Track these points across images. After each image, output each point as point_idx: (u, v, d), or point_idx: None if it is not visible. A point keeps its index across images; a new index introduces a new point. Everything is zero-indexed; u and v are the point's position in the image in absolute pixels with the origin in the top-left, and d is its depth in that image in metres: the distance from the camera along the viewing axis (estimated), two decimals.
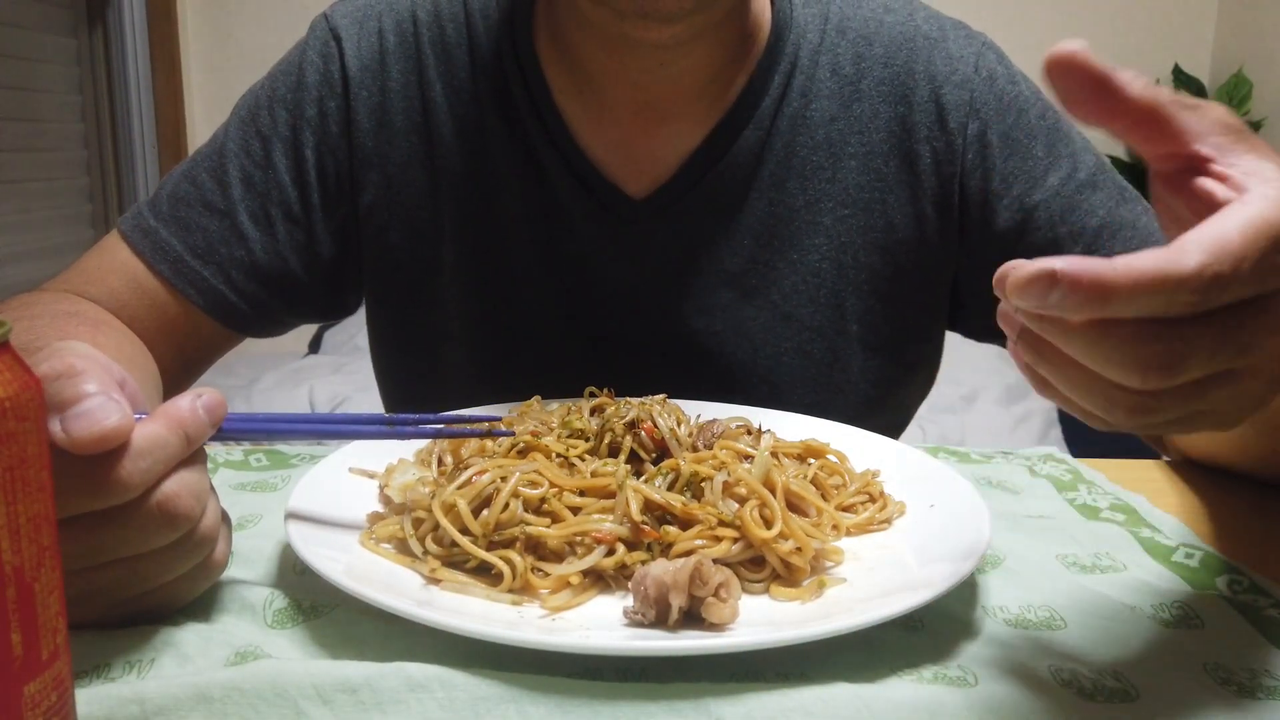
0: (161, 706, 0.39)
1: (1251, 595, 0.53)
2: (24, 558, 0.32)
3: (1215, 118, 0.42)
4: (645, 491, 0.52)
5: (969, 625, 0.48)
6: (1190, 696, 0.42)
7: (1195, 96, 0.43)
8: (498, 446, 0.58)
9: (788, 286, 0.82)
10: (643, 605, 0.46)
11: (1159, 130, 0.42)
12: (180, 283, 0.79)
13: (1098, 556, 0.57)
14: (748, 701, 0.40)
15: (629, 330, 0.83)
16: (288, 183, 0.81)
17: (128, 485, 0.40)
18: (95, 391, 0.41)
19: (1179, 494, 0.70)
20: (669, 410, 0.60)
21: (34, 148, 2.72)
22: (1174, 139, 0.42)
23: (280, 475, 0.68)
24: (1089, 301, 0.35)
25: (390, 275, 0.85)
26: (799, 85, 0.80)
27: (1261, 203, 0.38)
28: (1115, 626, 0.49)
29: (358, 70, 0.82)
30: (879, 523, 0.58)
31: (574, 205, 0.81)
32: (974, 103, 0.80)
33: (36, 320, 0.67)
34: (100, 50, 2.96)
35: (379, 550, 0.52)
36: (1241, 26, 3.00)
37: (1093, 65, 0.40)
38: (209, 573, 0.46)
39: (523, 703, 0.40)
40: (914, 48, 0.81)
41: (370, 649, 0.45)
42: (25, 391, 0.32)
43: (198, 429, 0.44)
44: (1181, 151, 0.42)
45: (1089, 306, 0.35)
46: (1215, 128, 0.42)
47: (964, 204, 0.81)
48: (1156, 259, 0.35)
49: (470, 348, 0.85)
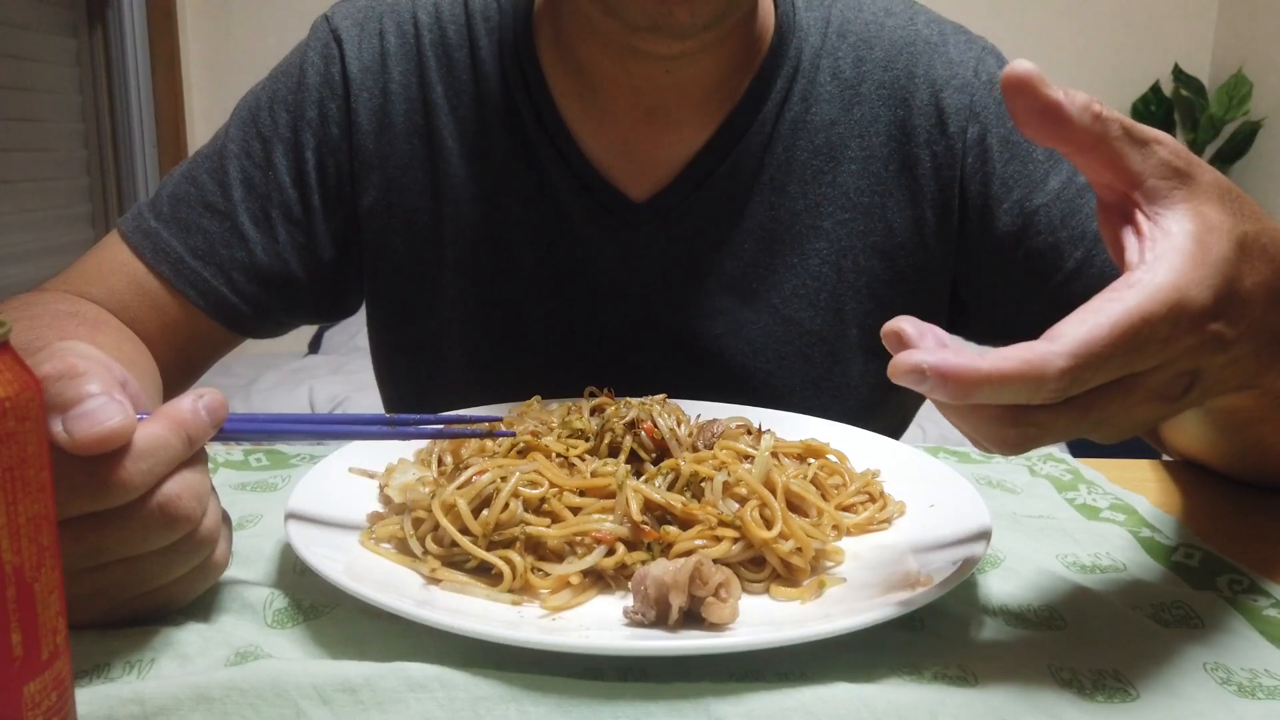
0: (161, 706, 0.39)
1: (1251, 595, 0.53)
2: (24, 558, 0.32)
3: (1161, 159, 0.43)
4: (645, 491, 0.52)
5: (969, 625, 0.48)
6: (1190, 696, 0.42)
7: (1196, 96, 0.44)
8: (498, 446, 0.58)
9: (788, 290, 0.82)
10: (643, 605, 0.46)
11: (1103, 162, 0.43)
12: (181, 284, 0.79)
13: (1098, 556, 0.57)
14: (748, 701, 0.40)
15: (629, 333, 0.83)
16: (288, 184, 0.81)
17: (129, 486, 0.40)
18: (97, 392, 0.41)
19: (1179, 494, 0.70)
20: (669, 410, 0.60)
21: (34, 148, 2.72)
22: (1116, 174, 0.44)
23: (280, 475, 0.68)
24: (954, 395, 0.39)
25: (390, 277, 0.85)
26: (800, 89, 0.80)
27: (1141, 296, 0.40)
28: (1115, 626, 0.49)
29: (358, 72, 0.82)
30: (879, 523, 0.58)
31: (575, 208, 0.81)
32: (974, 107, 0.80)
33: (36, 320, 0.67)
34: (100, 50, 2.96)
35: (379, 550, 0.52)
36: (1241, 26, 3.00)
37: (1041, 90, 0.42)
38: (209, 573, 0.46)
39: (523, 703, 0.40)
40: (914, 52, 0.81)
41: (370, 649, 0.44)
42: (25, 391, 0.32)
43: (199, 430, 0.44)
44: (1119, 188, 0.44)
45: (954, 398, 0.39)
46: (1158, 169, 0.43)
47: (964, 208, 0.81)
48: (1025, 358, 0.38)
49: (470, 349, 0.85)
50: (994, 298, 0.83)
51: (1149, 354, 0.40)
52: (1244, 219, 0.44)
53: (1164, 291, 0.40)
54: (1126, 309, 0.39)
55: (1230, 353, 0.43)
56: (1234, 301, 0.43)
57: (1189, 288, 0.41)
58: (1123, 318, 0.39)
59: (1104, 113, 0.43)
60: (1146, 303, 0.40)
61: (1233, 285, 0.42)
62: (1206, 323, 0.42)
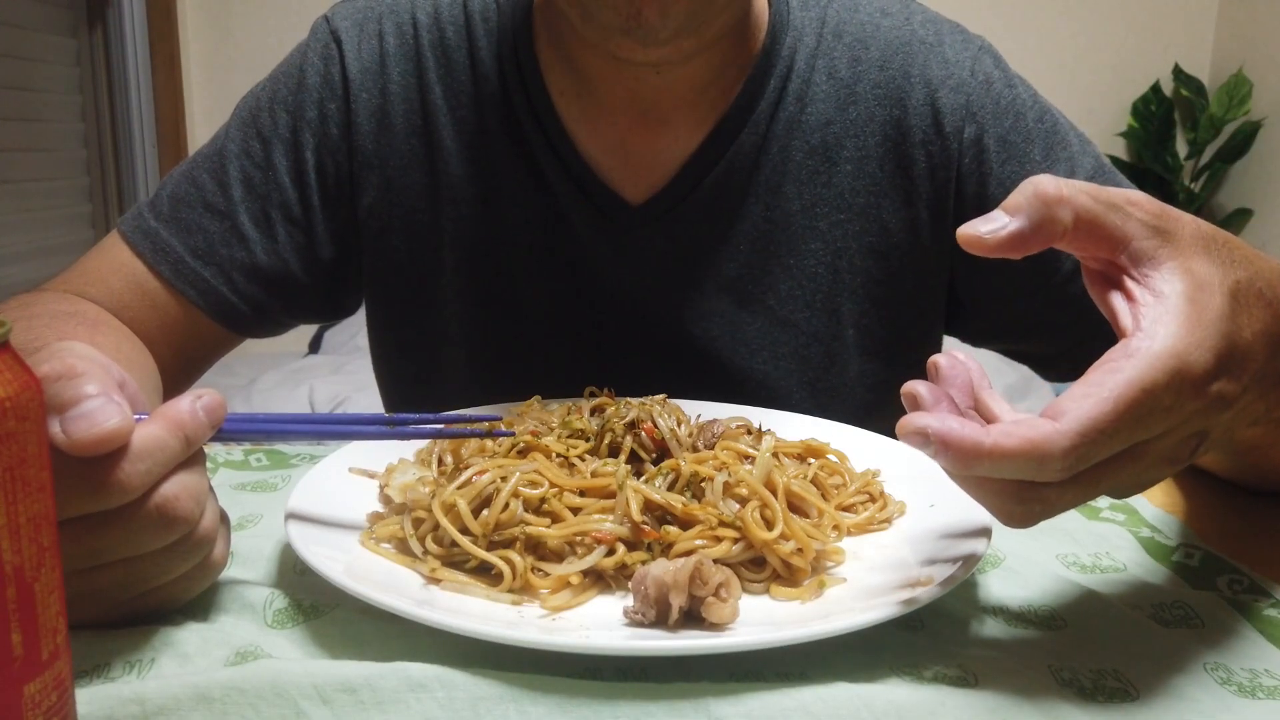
0: (161, 706, 0.39)
1: (1251, 595, 0.53)
2: (24, 558, 0.32)
3: (1140, 219, 0.43)
4: (645, 492, 0.52)
5: (969, 625, 0.48)
6: (1190, 696, 0.42)
7: (1196, 96, 0.44)
8: (498, 446, 0.58)
9: (784, 291, 0.81)
10: (643, 605, 0.46)
11: (1084, 232, 0.43)
12: (181, 284, 0.79)
13: (1098, 556, 0.57)
14: (748, 701, 0.40)
15: (627, 335, 0.83)
16: (288, 184, 0.81)
17: (127, 487, 0.40)
18: (95, 393, 0.41)
19: (1179, 494, 0.69)
20: (669, 410, 0.60)
21: (34, 148, 2.72)
22: (1099, 242, 0.43)
23: (280, 475, 0.68)
24: (956, 464, 0.39)
25: (390, 277, 0.85)
26: (795, 89, 0.80)
27: (1141, 366, 0.39)
28: (1115, 626, 0.49)
29: (358, 72, 0.82)
30: (879, 523, 0.58)
31: (572, 210, 0.81)
32: (970, 107, 0.80)
33: (35, 320, 0.67)
34: (100, 50, 2.96)
35: (379, 550, 0.52)
36: (1241, 26, 3.00)
37: (993, 232, 0.43)
38: (208, 573, 0.46)
39: (523, 703, 0.40)
40: (910, 52, 0.81)
41: (370, 649, 0.44)
42: (25, 391, 0.32)
43: (197, 431, 0.44)
44: (1104, 255, 0.44)
45: (957, 467, 0.39)
46: (1140, 230, 0.43)
47: (960, 209, 0.81)
48: (1029, 437, 0.38)
49: (469, 350, 0.85)
50: (991, 298, 0.83)
51: (1154, 423, 0.40)
52: (1234, 266, 0.44)
53: (1163, 359, 0.40)
54: (1128, 381, 0.39)
55: (1236, 407, 0.43)
56: (1235, 357, 0.42)
57: (1188, 352, 0.40)
58: (1125, 391, 0.39)
59: (1064, 193, 0.42)
60: (1148, 372, 0.39)
61: (1232, 341, 0.42)
62: (1209, 384, 0.41)
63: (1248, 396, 0.44)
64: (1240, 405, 0.43)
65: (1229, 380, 0.42)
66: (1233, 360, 0.42)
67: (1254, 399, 0.45)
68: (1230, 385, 0.42)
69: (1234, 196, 3.00)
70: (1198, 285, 0.42)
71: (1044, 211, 0.42)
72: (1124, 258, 0.43)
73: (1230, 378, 0.42)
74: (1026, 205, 0.42)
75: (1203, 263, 0.43)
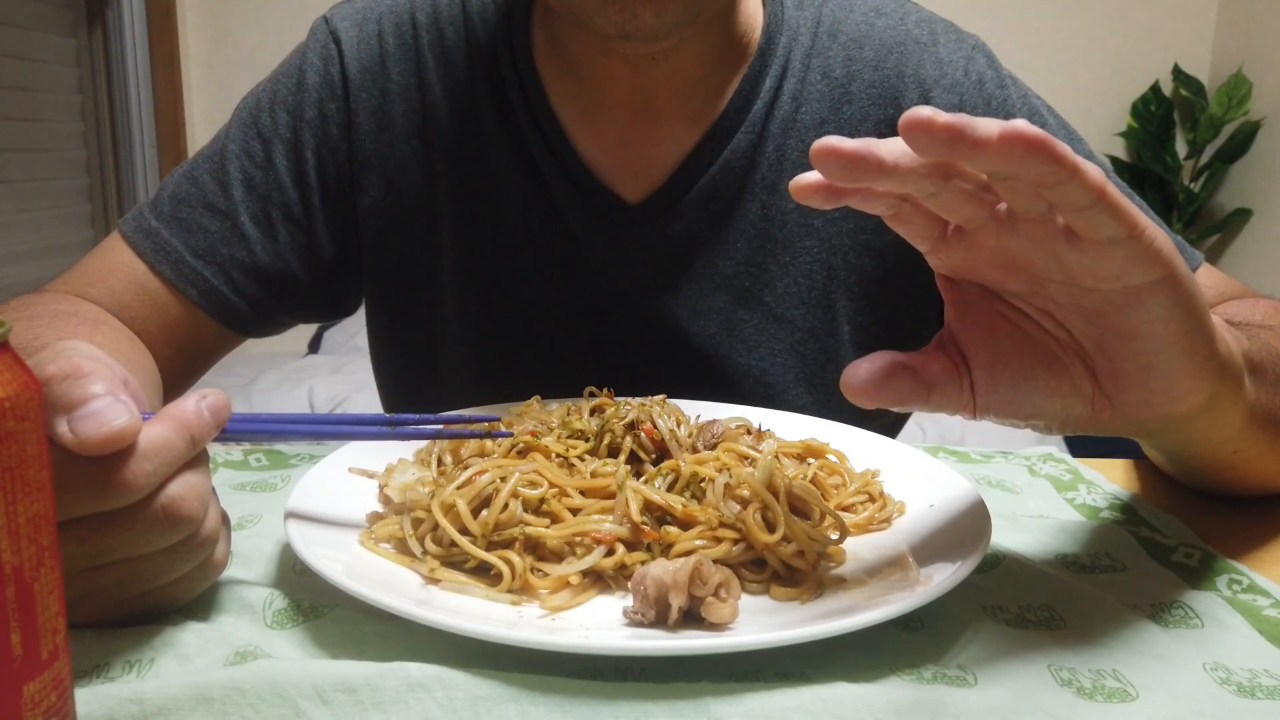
0: (161, 706, 0.39)
1: (1251, 595, 0.53)
2: (24, 557, 0.32)
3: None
4: (645, 492, 0.52)
5: (969, 625, 0.48)
6: (1190, 696, 0.42)
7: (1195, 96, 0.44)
8: (497, 446, 0.58)
9: (780, 289, 0.82)
10: (643, 605, 0.46)
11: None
12: (182, 283, 0.79)
13: (1098, 556, 0.57)
14: (748, 701, 0.40)
15: (625, 334, 0.83)
16: (288, 184, 0.81)
17: (133, 487, 0.40)
18: (102, 392, 0.41)
19: (1179, 494, 0.69)
20: (669, 411, 0.60)
21: (34, 148, 2.72)
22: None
23: (280, 475, 0.68)
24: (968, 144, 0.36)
25: (390, 276, 0.85)
26: (790, 89, 0.80)
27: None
28: (1115, 626, 0.49)
29: (358, 72, 0.82)
30: (879, 523, 0.58)
31: (570, 209, 0.81)
32: (963, 106, 0.80)
33: (35, 320, 0.67)
34: (100, 50, 2.96)
35: (378, 550, 0.52)
36: (1241, 26, 3.00)
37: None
38: (209, 573, 0.46)
39: (523, 703, 0.40)
40: (904, 52, 0.81)
41: (370, 649, 0.44)
42: (25, 391, 0.32)
43: (202, 430, 0.44)
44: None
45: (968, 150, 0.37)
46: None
47: None
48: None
49: (468, 349, 0.85)
50: None
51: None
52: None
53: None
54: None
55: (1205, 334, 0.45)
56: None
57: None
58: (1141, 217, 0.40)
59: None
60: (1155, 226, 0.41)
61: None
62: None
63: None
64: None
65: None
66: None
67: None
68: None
69: (1234, 196, 3.00)
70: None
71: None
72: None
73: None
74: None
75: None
